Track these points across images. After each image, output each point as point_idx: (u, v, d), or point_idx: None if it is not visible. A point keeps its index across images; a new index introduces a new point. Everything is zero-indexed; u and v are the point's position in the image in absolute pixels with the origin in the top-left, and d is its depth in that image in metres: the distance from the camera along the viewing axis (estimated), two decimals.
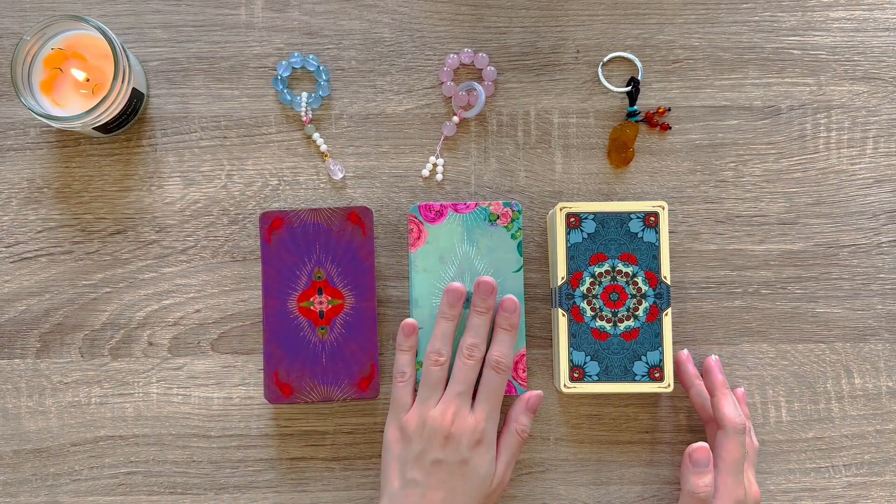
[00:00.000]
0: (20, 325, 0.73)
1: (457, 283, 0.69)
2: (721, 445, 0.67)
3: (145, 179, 0.74)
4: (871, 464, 0.73)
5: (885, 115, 0.74)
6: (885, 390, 0.73)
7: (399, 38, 0.75)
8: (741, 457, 0.66)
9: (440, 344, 0.68)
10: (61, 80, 0.70)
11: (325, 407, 0.73)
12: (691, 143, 0.74)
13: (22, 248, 0.74)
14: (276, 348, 0.70)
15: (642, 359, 0.69)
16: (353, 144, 0.74)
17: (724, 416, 0.67)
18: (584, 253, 0.69)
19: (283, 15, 0.75)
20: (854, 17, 0.75)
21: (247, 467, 0.73)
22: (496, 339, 0.69)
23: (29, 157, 0.74)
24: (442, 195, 0.74)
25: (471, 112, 0.74)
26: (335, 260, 0.71)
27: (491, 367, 0.68)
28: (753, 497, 0.67)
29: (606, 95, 0.75)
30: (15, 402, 0.73)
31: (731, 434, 0.67)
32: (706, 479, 0.66)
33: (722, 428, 0.67)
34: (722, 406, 0.68)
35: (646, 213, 0.69)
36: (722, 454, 0.66)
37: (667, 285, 0.69)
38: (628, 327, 0.69)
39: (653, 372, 0.69)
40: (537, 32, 0.75)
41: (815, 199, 0.74)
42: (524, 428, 0.69)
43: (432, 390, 0.68)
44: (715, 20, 0.75)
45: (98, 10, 0.75)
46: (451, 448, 0.65)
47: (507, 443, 0.68)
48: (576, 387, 0.69)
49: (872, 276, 0.74)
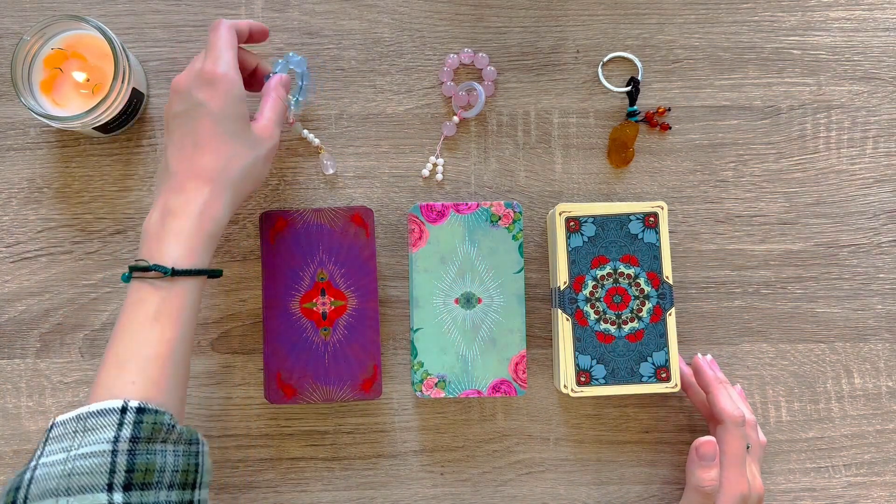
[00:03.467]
0: (20, 325, 0.73)
1: None
2: (722, 440, 0.67)
3: (145, 179, 0.74)
4: (871, 464, 0.73)
5: (885, 115, 0.75)
6: (885, 390, 0.73)
7: (399, 38, 0.75)
8: (743, 450, 0.66)
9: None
10: (61, 80, 0.69)
11: (325, 407, 0.73)
12: (691, 143, 0.74)
13: (22, 248, 0.74)
14: (278, 349, 0.70)
15: (648, 360, 0.69)
16: (353, 144, 0.74)
17: (721, 411, 0.67)
18: (586, 256, 0.69)
19: (283, 15, 0.75)
20: (854, 17, 0.75)
21: (247, 467, 0.73)
22: None
23: (29, 157, 0.74)
24: (442, 195, 0.74)
25: (471, 112, 0.74)
26: (338, 261, 0.71)
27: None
28: (757, 492, 0.67)
29: (606, 95, 0.75)
30: (15, 402, 0.73)
31: (729, 427, 0.66)
32: (712, 473, 0.66)
33: (721, 422, 0.67)
34: (718, 401, 0.67)
35: (645, 213, 0.70)
36: (724, 448, 0.66)
37: (669, 285, 0.69)
38: (633, 329, 0.69)
39: (659, 372, 0.69)
40: (537, 32, 0.75)
41: (815, 199, 0.74)
42: (281, 94, 0.69)
43: (194, 60, 0.67)
44: (715, 20, 0.75)
45: (98, 10, 0.75)
46: (182, 96, 0.64)
47: (270, 105, 0.68)
48: (583, 391, 0.69)
49: (872, 276, 0.74)
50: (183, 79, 0.65)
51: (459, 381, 0.71)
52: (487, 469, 0.73)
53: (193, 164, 0.63)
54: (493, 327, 0.71)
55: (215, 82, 0.64)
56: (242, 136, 0.64)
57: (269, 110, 0.68)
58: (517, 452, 0.73)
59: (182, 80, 0.65)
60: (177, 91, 0.65)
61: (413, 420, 0.73)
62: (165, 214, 0.62)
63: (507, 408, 0.73)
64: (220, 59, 0.65)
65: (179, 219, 0.62)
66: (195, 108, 0.63)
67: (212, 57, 0.65)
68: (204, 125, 0.63)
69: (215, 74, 0.64)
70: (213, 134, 0.63)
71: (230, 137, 0.64)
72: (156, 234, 0.62)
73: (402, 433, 0.73)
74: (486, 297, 0.71)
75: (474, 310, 0.71)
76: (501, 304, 0.71)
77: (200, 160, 0.63)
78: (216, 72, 0.64)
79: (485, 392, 0.71)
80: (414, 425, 0.73)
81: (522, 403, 0.73)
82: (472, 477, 0.73)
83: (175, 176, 0.63)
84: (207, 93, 0.63)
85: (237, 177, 0.64)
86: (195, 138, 0.63)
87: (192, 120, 0.64)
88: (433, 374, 0.71)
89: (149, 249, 0.61)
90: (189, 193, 0.62)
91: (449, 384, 0.71)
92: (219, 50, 0.65)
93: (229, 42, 0.66)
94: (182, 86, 0.64)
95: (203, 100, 0.63)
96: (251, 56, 0.71)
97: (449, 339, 0.71)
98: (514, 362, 0.71)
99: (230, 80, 0.64)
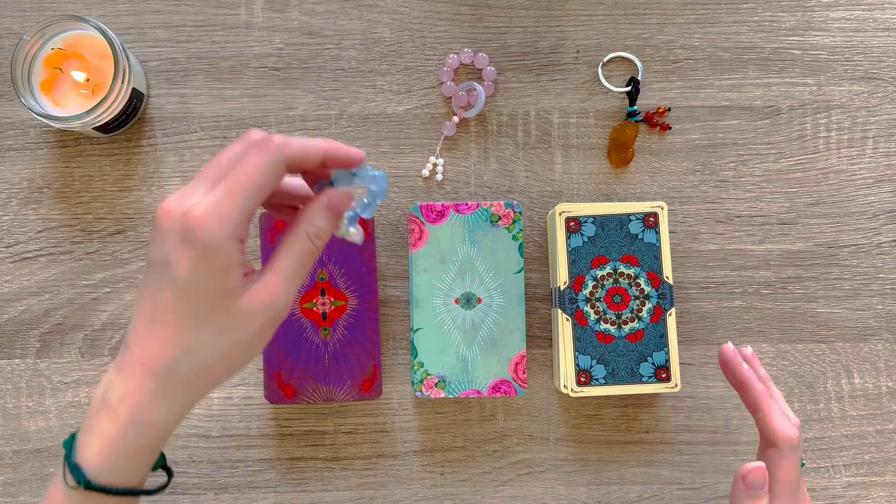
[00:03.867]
0: (20, 325, 0.73)
1: None
2: (775, 465, 0.58)
3: (145, 179, 0.74)
4: (871, 464, 0.73)
5: (885, 115, 0.75)
6: (885, 390, 0.73)
7: (399, 38, 0.75)
8: (798, 474, 0.59)
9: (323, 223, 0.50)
10: (61, 80, 0.69)
11: (325, 407, 0.73)
12: (691, 143, 0.74)
13: (22, 248, 0.74)
14: (277, 349, 0.70)
15: (648, 360, 0.69)
16: (353, 144, 0.74)
17: (775, 433, 0.59)
18: (586, 257, 0.69)
19: (283, 15, 0.75)
20: (854, 17, 0.75)
21: (247, 467, 0.73)
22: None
23: (29, 157, 0.74)
24: (442, 195, 0.74)
25: (471, 112, 0.74)
26: (338, 261, 0.71)
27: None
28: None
29: (606, 95, 0.75)
30: (15, 402, 0.73)
31: (785, 451, 0.58)
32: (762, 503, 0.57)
33: (774, 445, 0.59)
34: (771, 421, 0.59)
35: (645, 213, 0.70)
36: (777, 475, 0.58)
37: (669, 285, 0.69)
38: (633, 329, 0.69)
39: (659, 373, 0.69)
40: (537, 32, 0.75)
41: (815, 199, 0.74)
42: (318, 232, 0.50)
43: (202, 179, 0.47)
44: (715, 20, 0.75)
45: (98, 10, 0.75)
46: (159, 241, 0.47)
47: (291, 248, 0.49)
48: (583, 391, 0.69)
49: (872, 276, 0.74)
50: (171, 209, 0.46)
51: (459, 381, 0.71)
52: (487, 469, 0.73)
53: (144, 342, 0.48)
54: (493, 327, 0.71)
55: (192, 238, 0.45)
56: (216, 318, 0.47)
57: (287, 257, 0.49)
58: (517, 452, 0.73)
59: (169, 212, 0.46)
60: (158, 226, 0.46)
61: (413, 420, 0.73)
62: (103, 397, 0.49)
63: (507, 408, 0.73)
64: (220, 206, 0.46)
65: (109, 416, 0.48)
66: (163, 265, 0.46)
67: (214, 195, 0.46)
68: (164, 295, 0.47)
69: (196, 226, 0.45)
70: (172, 310, 0.46)
71: (195, 321, 0.47)
72: (89, 418, 0.49)
73: (402, 433, 0.73)
74: (486, 297, 0.71)
75: (474, 310, 0.71)
76: (501, 305, 0.71)
77: (150, 342, 0.47)
78: (200, 224, 0.45)
79: (485, 392, 0.71)
80: (414, 425, 0.73)
81: (522, 403, 0.73)
82: (472, 477, 0.73)
83: (127, 348, 0.48)
84: (179, 250, 0.45)
85: (193, 374, 0.48)
86: (154, 308, 0.47)
87: (158, 281, 0.47)
88: (433, 374, 0.71)
89: (86, 424, 0.49)
90: (128, 383, 0.48)
91: (449, 384, 0.71)
92: (230, 191, 0.46)
93: (259, 184, 0.47)
94: (165, 221, 0.46)
95: (171, 258, 0.46)
96: (308, 144, 0.50)
97: (449, 339, 0.71)
98: (514, 362, 0.71)
99: (214, 245, 0.45)
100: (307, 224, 0.49)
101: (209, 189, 0.46)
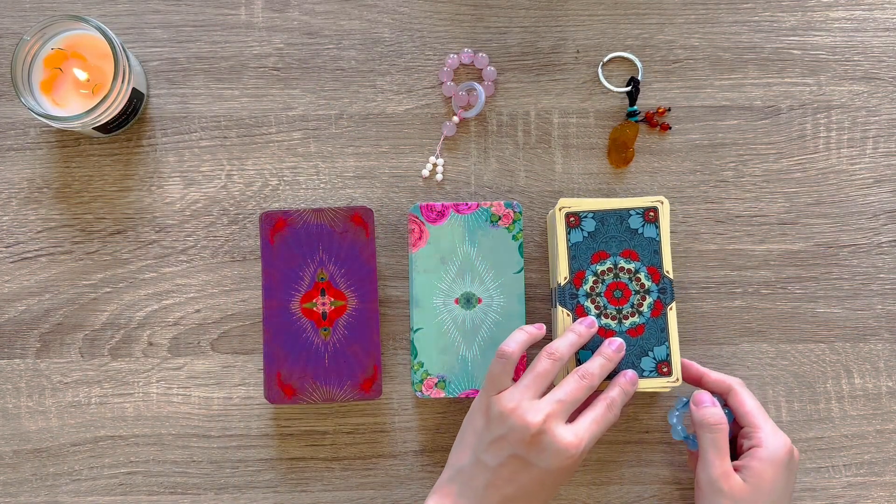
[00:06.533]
0: (20, 325, 0.73)
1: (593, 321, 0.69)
2: (740, 403, 0.67)
3: (145, 179, 0.74)
4: (871, 464, 0.73)
5: (885, 115, 0.75)
6: (885, 390, 0.73)
7: (399, 38, 0.75)
8: (758, 403, 0.67)
9: (563, 347, 0.66)
10: (61, 80, 0.69)
11: (325, 407, 0.73)
12: (691, 143, 0.74)
13: (22, 248, 0.74)
14: (277, 349, 0.70)
15: (649, 354, 0.69)
16: (353, 144, 0.74)
17: (719, 380, 0.68)
18: (586, 252, 0.69)
19: (283, 15, 0.75)
20: (854, 17, 0.75)
21: (247, 467, 0.73)
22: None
23: (29, 157, 0.74)
24: (442, 195, 0.74)
25: (471, 112, 0.74)
26: (338, 261, 0.71)
27: (605, 401, 0.65)
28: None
29: (606, 95, 0.75)
30: (15, 402, 0.73)
31: (737, 387, 0.67)
32: (716, 409, 0.66)
33: (724, 393, 0.68)
34: (710, 378, 0.69)
35: (645, 208, 0.69)
36: (746, 409, 0.66)
37: (669, 280, 0.69)
38: (633, 324, 0.69)
39: (660, 367, 0.69)
40: (537, 32, 0.75)
41: (815, 199, 0.74)
42: (612, 402, 0.65)
43: (537, 379, 0.64)
44: (715, 20, 0.75)
45: (98, 10, 0.75)
46: (536, 453, 0.62)
47: (593, 412, 0.64)
48: None
49: (872, 276, 0.74)
50: (570, 442, 0.61)
51: (459, 381, 0.71)
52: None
53: (468, 484, 0.63)
54: (493, 327, 0.71)
55: (563, 459, 0.61)
56: (556, 489, 0.64)
57: (592, 423, 0.63)
58: None
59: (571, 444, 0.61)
60: (536, 443, 0.61)
61: (413, 420, 0.73)
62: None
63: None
64: (587, 438, 0.62)
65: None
66: (523, 464, 0.62)
67: (576, 431, 0.62)
68: (530, 480, 0.62)
69: (570, 452, 0.61)
70: (530, 493, 0.62)
71: (546, 499, 0.64)
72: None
73: (402, 433, 0.73)
74: (486, 298, 0.71)
75: (474, 310, 0.71)
76: (501, 305, 0.71)
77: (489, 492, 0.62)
78: (577, 450, 0.61)
79: None
80: (414, 425, 0.73)
81: None
82: None
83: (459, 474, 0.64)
84: (544, 457, 0.61)
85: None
86: (521, 495, 0.62)
87: (533, 481, 0.62)
88: (433, 375, 0.71)
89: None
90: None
91: (449, 384, 0.71)
92: (586, 428, 0.63)
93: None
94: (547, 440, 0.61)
95: (534, 460, 0.61)
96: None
97: (449, 339, 0.71)
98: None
99: (576, 462, 0.62)
100: (607, 403, 0.65)
101: (561, 411, 0.62)
